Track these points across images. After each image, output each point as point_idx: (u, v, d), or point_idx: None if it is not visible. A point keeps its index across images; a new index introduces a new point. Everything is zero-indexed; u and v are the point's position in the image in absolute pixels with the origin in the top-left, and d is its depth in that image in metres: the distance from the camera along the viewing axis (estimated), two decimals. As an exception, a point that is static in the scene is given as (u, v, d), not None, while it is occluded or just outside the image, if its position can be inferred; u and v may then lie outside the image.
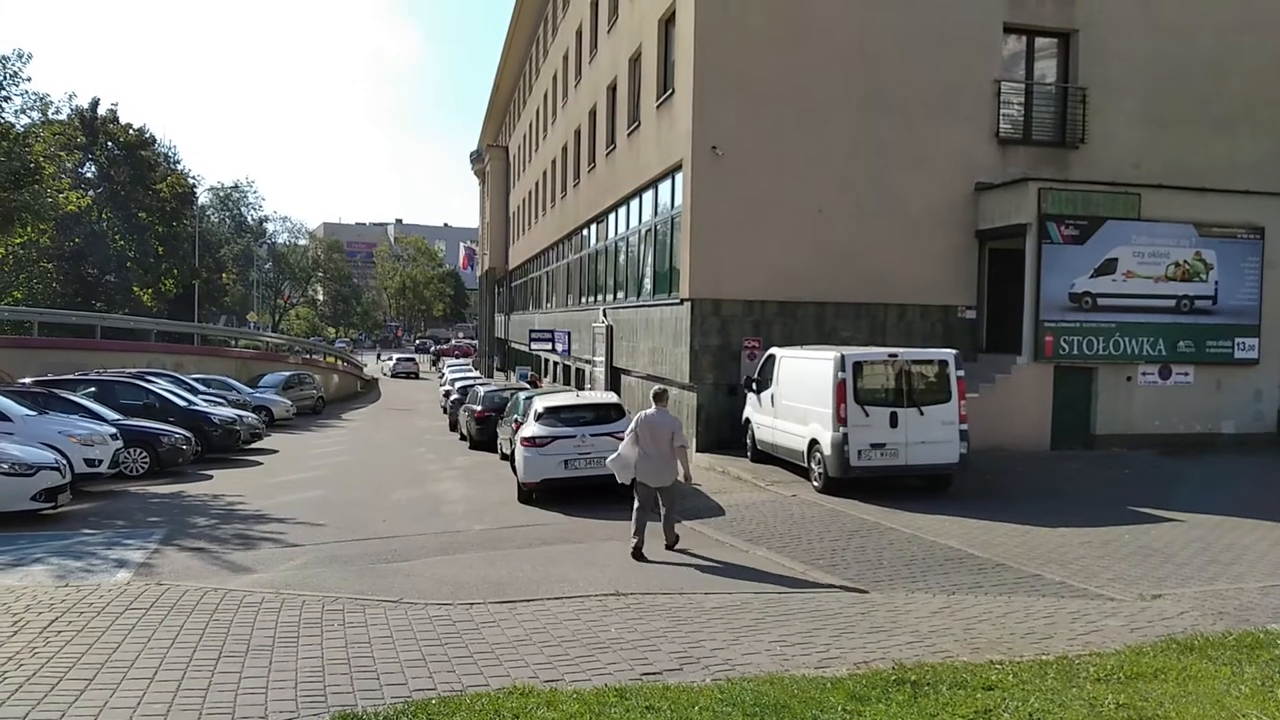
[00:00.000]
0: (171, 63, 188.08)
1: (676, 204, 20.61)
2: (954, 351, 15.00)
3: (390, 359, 67.82)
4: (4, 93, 18.41)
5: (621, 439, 11.70)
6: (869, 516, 13.02)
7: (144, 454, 17.90)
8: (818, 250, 19.51)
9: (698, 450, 19.14)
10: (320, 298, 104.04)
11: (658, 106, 21.90)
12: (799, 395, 15.77)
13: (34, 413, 16.00)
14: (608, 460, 11.77)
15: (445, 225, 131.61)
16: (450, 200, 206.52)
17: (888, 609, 8.30)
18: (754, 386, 17.71)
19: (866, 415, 14.29)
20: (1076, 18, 20.63)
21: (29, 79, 17.59)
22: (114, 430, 16.68)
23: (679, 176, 20.33)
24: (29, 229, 19.77)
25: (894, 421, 14.32)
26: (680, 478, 11.21)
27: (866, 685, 5.96)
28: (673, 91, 20.76)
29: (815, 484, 15.06)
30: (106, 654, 6.51)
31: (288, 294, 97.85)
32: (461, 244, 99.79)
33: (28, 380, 21.59)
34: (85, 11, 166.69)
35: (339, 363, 55.90)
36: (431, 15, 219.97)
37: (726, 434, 19.16)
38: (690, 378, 19.35)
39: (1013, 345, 19.25)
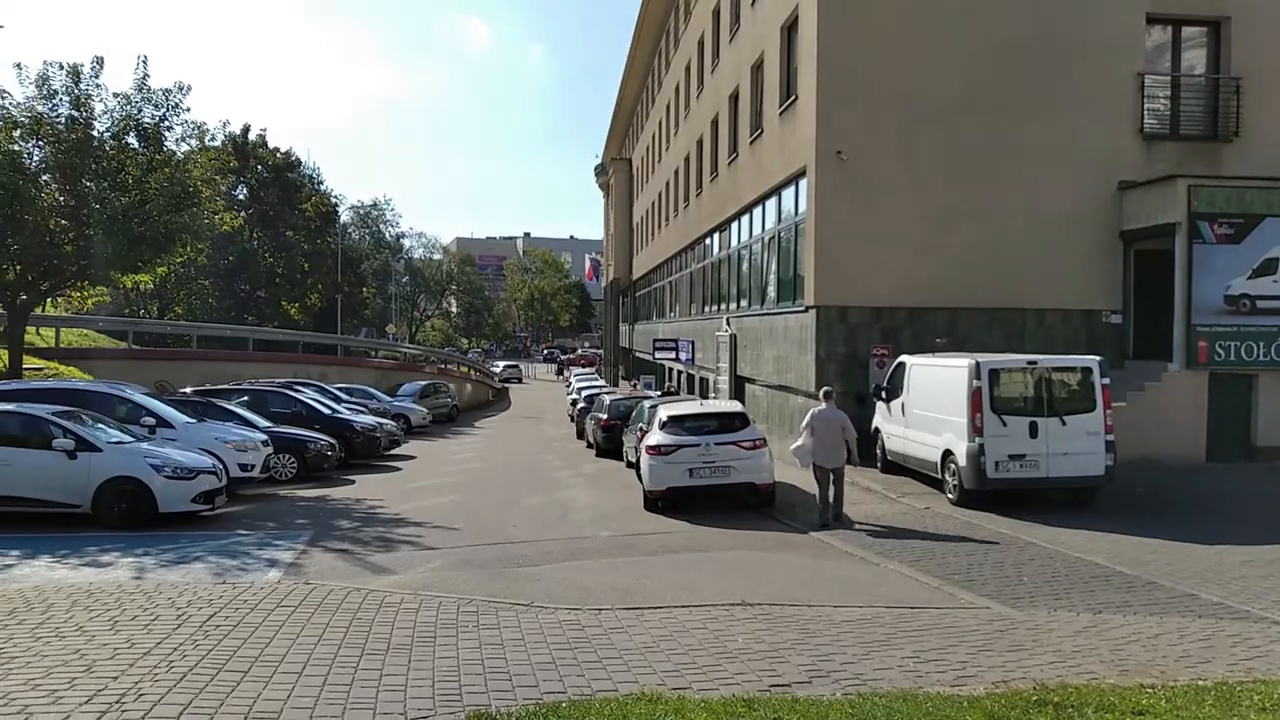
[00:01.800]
0: (314, 91, 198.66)
1: (800, 210, 20.39)
2: (1098, 358, 14.29)
3: (499, 366, 73.52)
4: (166, 123, 19.73)
5: (745, 448, 14.08)
6: (1007, 530, 12.52)
7: (292, 459, 18.86)
8: (949, 254, 18.94)
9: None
10: (454, 310, 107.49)
11: (780, 113, 21.74)
12: (931, 404, 15.33)
13: (194, 420, 17.11)
14: (790, 448, 14.11)
15: (571, 238, 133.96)
16: (576, 214, 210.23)
17: (1028, 627, 7.96)
18: (883, 395, 17.31)
19: (1004, 425, 13.77)
20: (1227, 4, 19.39)
21: (188, 109, 19.02)
22: (265, 437, 17.66)
23: (803, 183, 20.11)
24: (188, 249, 21.10)
25: (1033, 431, 13.74)
26: (847, 462, 13.61)
27: (1005, 705, 5.73)
28: (795, 97, 20.57)
29: (950, 496, 14.60)
30: (259, 649, 6.88)
31: (423, 306, 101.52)
32: (587, 255, 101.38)
33: (188, 390, 23.10)
34: (235, 42, 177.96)
35: (471, 372, 57.62)
36: (556, 34, 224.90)
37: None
38: (816, 386, 19.03)
39: (1163, 351, 18.18)
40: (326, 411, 23.23)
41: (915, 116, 18.87)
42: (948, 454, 14.60)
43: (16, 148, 18.40)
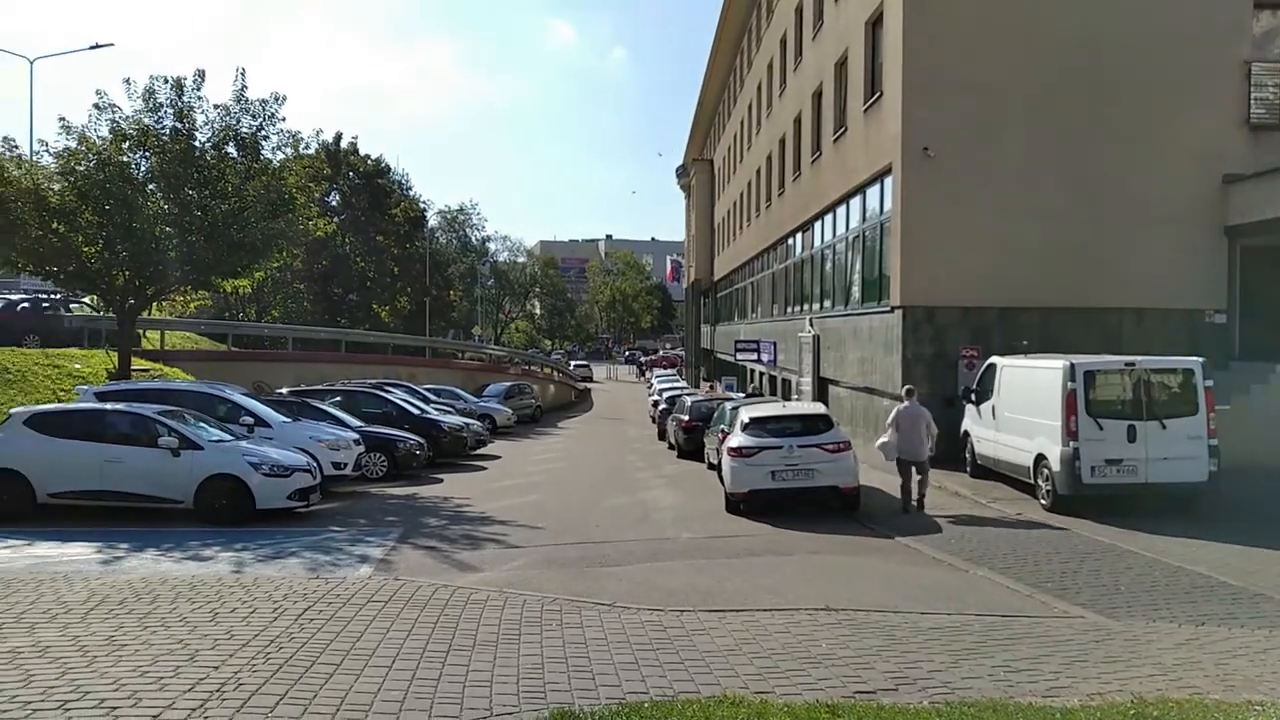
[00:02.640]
0: (401, 96, 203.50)
1: (886, 208, 20.05)
2: (1200, 359, 13.70)
3: (571, 365, 76.39)
4: (263, 132, 20.44)
5: (829, 450, 14.33)
6: (1103, 538, 12.09)
7: (383, 458, 19.34)
8: (1041, 252, 18.40)
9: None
10: (537, 312, 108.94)
11: (865, 110, 21.42)
12: (1023, 407, 14.91)
13: (290, 420, 17.68)
14: (876, 444, 14.96)
15: (652, 239, 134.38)
16: (657, 215, 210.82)
17: (1126, 638, 7.68)
18: (973, 398, 16.90)
19: (1100, 429, 13.31)
20: (1346, -16, 18.38)
21: (284, 119, 19.64)
22: (357, 436, 18.16)
23: (888, 180, 19.78)
24: (284, 254, 21.84)
25: (1131, 435, 13.24)
26: (929, 454, 14.51)
27: (1101, 718, 5.54)
28: (880, 94, 20.24)
29: (1042, 502, 14.18)
30: (351, 642, 7.09)
31: (508, 309, 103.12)
32: (668, 257, 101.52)
33: (284, 390, 23.91)
34: (326, 54, 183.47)
35: (555, 373, 58.28)
36: (639, 36, 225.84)
37: (942, 447, 18.33)
38: (902, 388, 18.70)
39: (1271, 352, 17.31)
40: (415, 412, 23.72)
41: (1005, 110, 18.39)
42: (1040, 458, 14.18)
43: (125, 159, 19.32)
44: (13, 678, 6.05)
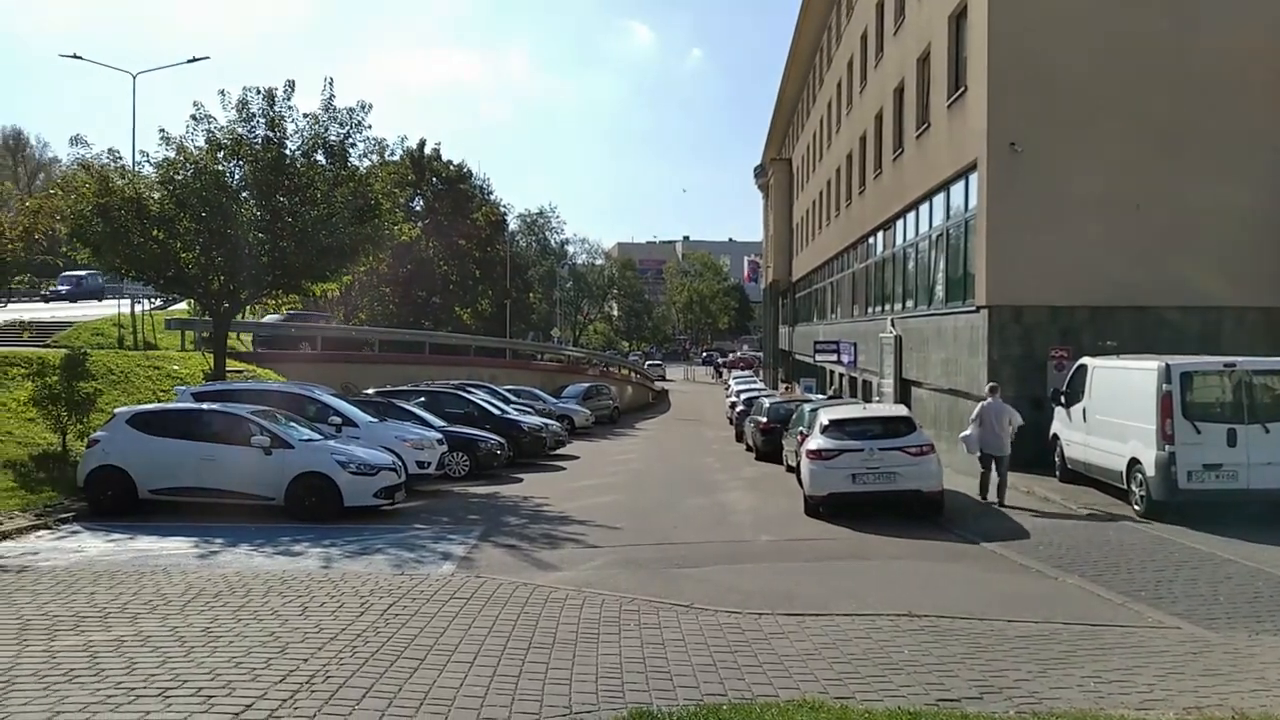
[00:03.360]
0: (480, 103, 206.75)
1: (971, 206, 19.60)
2: (1309, 360, 13.03)
3: (644, 364, 79.21)
4: (350, 140, 20.99)
5: (911, 453, 14.04)
6: (1201, 546, 11.60)
7: (465, 457, 19.68)
8: (1135, 249, 17.75)
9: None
10: (615, 313, 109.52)
11: (948, 106, 20.97)
12: (1116, 409, 14.40)
13: (376, 420, 18.13)
14: (960, 437, 15.55)
15: (730, 240, 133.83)
16: (735, 216, 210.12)
17: (1225, 650, 7.35)
18: (1062, 400, 16.40)
19: (1198, 432, 12.79)
20: None
21: (370, 126, 20.20)
22: (440, 436, 18.52)
23: (973, 177, 19.33)
24: (370, 258, 22.37)
25: (1232, 440, 12.69)
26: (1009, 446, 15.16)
27: (1201, 734, 5.32)
28: (965, 89, 19.80)
29: (1136, 508, 13.67)
30: (435, 638, 7.24)
31: (586, 310, 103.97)
32: (745, 258, 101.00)
33: (370, 391, 24.53)
34: (409, 62, 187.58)
35: (632, 374, 58.49)
36: (716, 36, 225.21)
37: (1031, 451, 17.80)
38: (985, 385, 18.25)
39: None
40: (496, 412, 24.06)
41: (1095, 102, 17.80)
42: (1134, 463, 13.67)
43: (220, 167, 20.05)
44: (117, 665, 6.34)
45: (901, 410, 17.21)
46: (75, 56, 50.10)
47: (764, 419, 24.54)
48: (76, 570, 9.67)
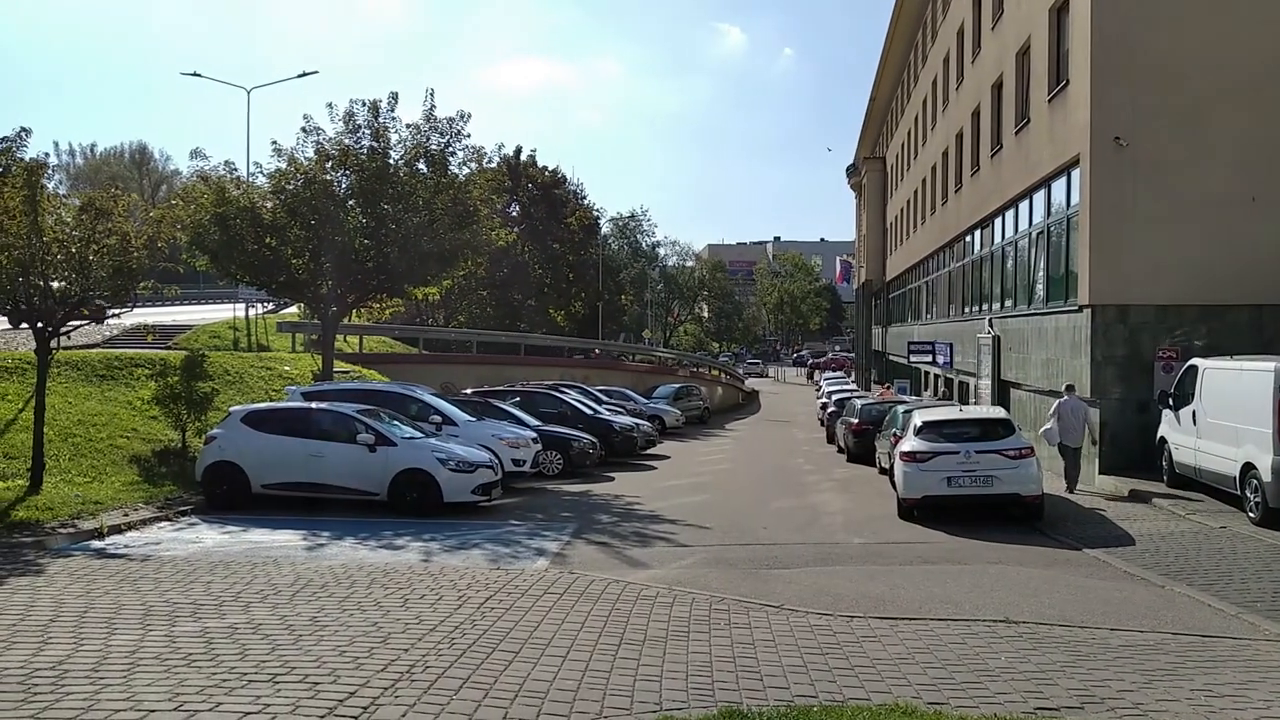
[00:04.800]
0: (572, 108, 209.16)
1: (1073, 202, 18.98)
2: None
3: (743, 364, 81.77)
4: (450, 149, 21.61)
5: (1010, 456, 13.86)
6: (1325, 557, 11.02)
7: (558, 456, 19.99)
8: (1251, 245, 16.92)
9: (1101, 472, 17.47)
10: (705, 315, 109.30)
11: (1049, 100, 20.35)
12: (1228, 412, 13.77)
13: (474, 419, 18.60)
14: (1040, 431, 16.63)
15: (821, 240, 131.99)
16: (826, 216, 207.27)
17: (1350, 667, 6.99)
18: (1170, 402, 15.75)
19: (1319, 437, 12.11)
20: None
21: (468, 135, 20.80)
22: (535, 435, 18.89)
23: (1075, 173, 18.72)
24: (469, 263, 22.98)
25: (1358, 445, 11.98)
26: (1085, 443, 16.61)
27: (1318, 753, 5.10)
28: (1066, 82, 19.18)
29: (1251, 515, 13.05)
30: (529, 631, 7.43)
31: (676, 312, 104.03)
32: (837, 258, 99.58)
33: (468, 390, 25.14)
34: (502, 69, 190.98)
35: (722, 375, 58.35)
36: (808, 35, 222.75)
37: (1136, 455, 17.21)
38: (1091, 392, 17.66)
39: None
40: (588, 412, 24.37)
41: (1206, 92, 17.03)
42: (1248, 468, 13.04)
43: (329, 177, 20.90)
44: (230, 651, 6.70)
45: (999, 412, 16.80)
46: (195, 74, 53.11)
47: (856, 420, 24.23)
48: (195, 560, 10.23)
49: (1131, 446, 17.39)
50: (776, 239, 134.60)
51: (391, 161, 21.08)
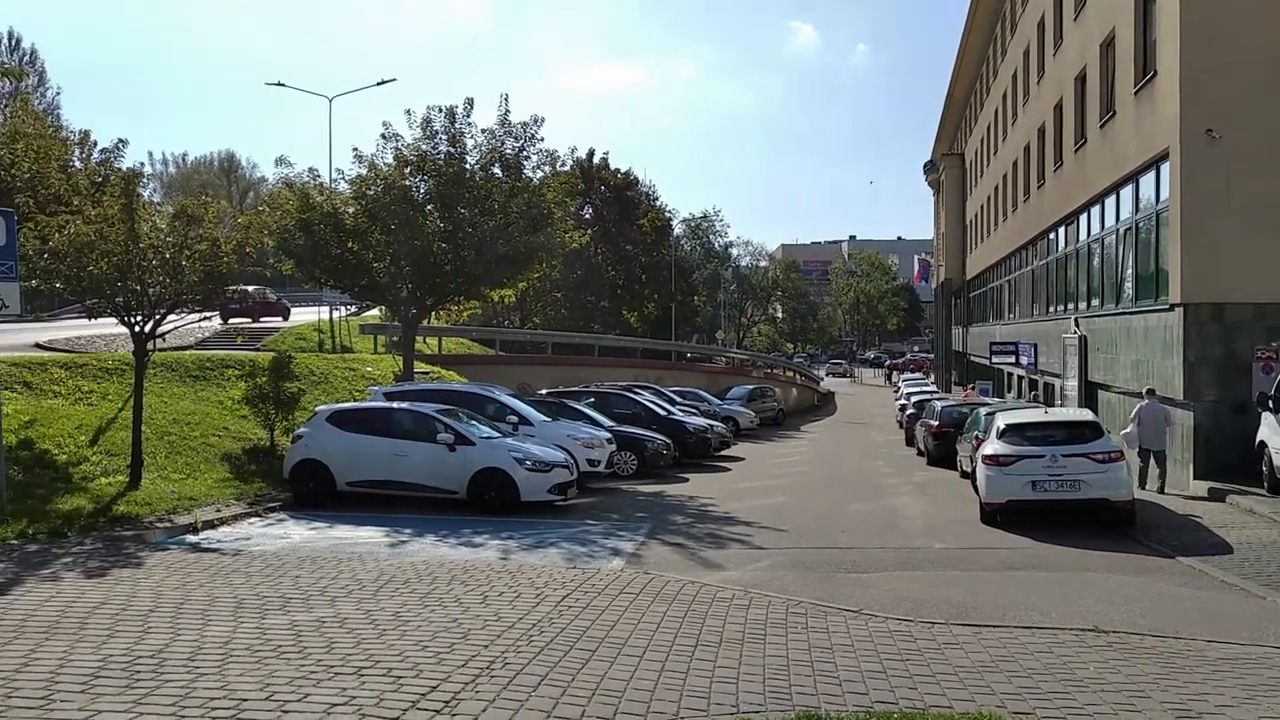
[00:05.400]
0: (643, 109, 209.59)
1: (1163, 197, 18.31)
2: None
3: (825, 364, 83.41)
4: (525, 153, 21.90)
5: (1097, 460, 13.44)
6: None
7: (632, 456, 20.06)
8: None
9: (1195, 477, 16.82)
10: (779, 315, 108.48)
11: (1136, 92, 19.67)
12: (1334, 415, 13.11)
13: (548, 419, 18.79)
14: (1120, 434, 16.53)
15: (898, 239, 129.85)
16: (903, 214, 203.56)
17: None
18: (1271, 404, 15.07)
19: None
20: None
21: (542, 139, 21.09)
22: (609, 435, 18.98)
23: (1164, 167, 18.06)
24: (544, 265, 23.23)
25: None
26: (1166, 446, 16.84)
27: None
28: (1154, 73, 18.52)
29: (1359, 524, 12.41)
30: (605, 630, 7.47)
31: (750, 312, 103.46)
32: (915, 256, 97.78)
33: (544, 391, 25.41)
34: (572, 67, 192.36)
35: (797, 377, 57.82)
36: (882, 30, 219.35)
37: (1233, 459, 16.51)
38: (1184, 394, 17.02)
39: None
40: (662, 413, 24.38)
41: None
42: (1358, 475, 12.41)
43: (407, 182, 21.35)
44: (318, 643, 6.88)
45: (1086, 414, 16.31)
46: (279, 84, 54.17)
47: (936, 422, 23.78)
48: (283, 555, 10.55)
49: (1228, 451, 16.69)
50: (852, 238, 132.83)
51: (468, 166, 21.43)
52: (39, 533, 10.79)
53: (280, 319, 29.00)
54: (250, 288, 30.44)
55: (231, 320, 30.86)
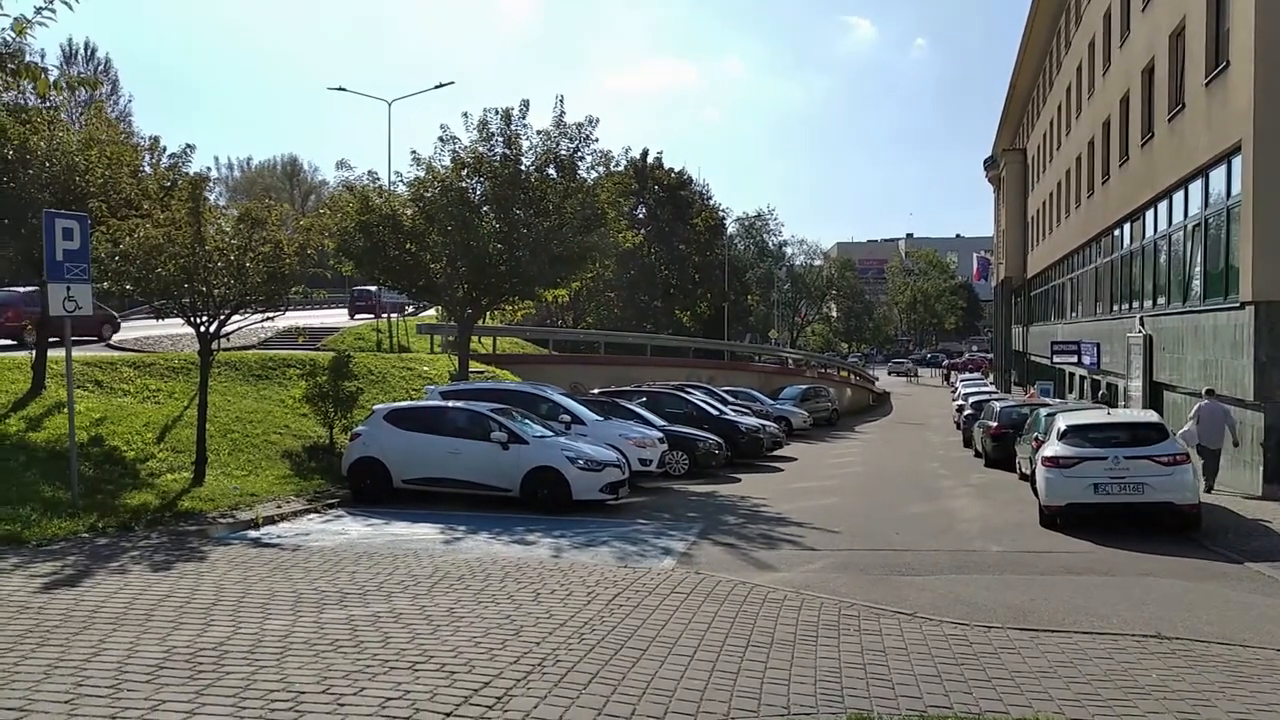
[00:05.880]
0: (697, 107, 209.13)
1: (1234, 192, 17.75)
2: None
3: (888, 364, 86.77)
4: (579, 154, 22.01)
5: (1162, 463, 13.13)
6: None
7: (684, 456, 20.06)
8: None
9: (1266, 481, 16.26)
10: (834, 314, 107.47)
11: (1206, 84, 19.08)
12: None
13: (601, 418, 18.88)
14: (1179, 433, 15.75)
15: (957, 236, 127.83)
16: (962, 211, 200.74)
17: None
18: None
19: None
20: None
21: (596, 140, 21.19)
22: (661, 435, 19.00)
23: (1236, 161, 17.50)
24: (597, 265, 23.32)
25: None
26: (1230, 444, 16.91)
27: None
28: (1227, 64, 17.95)
29: None
30: (656, 630, 7.48)
31: (804, 312, 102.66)
32: (974, 254, 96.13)
33: (596, 390, 25.53)
34: (624, 66, 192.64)
35: (851, 376, 57.22)
36: (941, 24, 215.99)
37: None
38: (1255, 394, 16.47)
39: None
40: (714, 412, 24.33)
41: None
42: None
43: (464, 184, 21.61)
44: (374, 638, 7.00)
45: (1151, 416, 15.88)
46: (340, 89, 55.57)
47: (994, 423, 23.37)
48: (341, 550, 10.75)
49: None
50: (909, 236, 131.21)
51: (523, 167, 21.59)
52: (108, 527, 11.14)
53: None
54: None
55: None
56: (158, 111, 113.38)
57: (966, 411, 31.02)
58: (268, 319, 14.96)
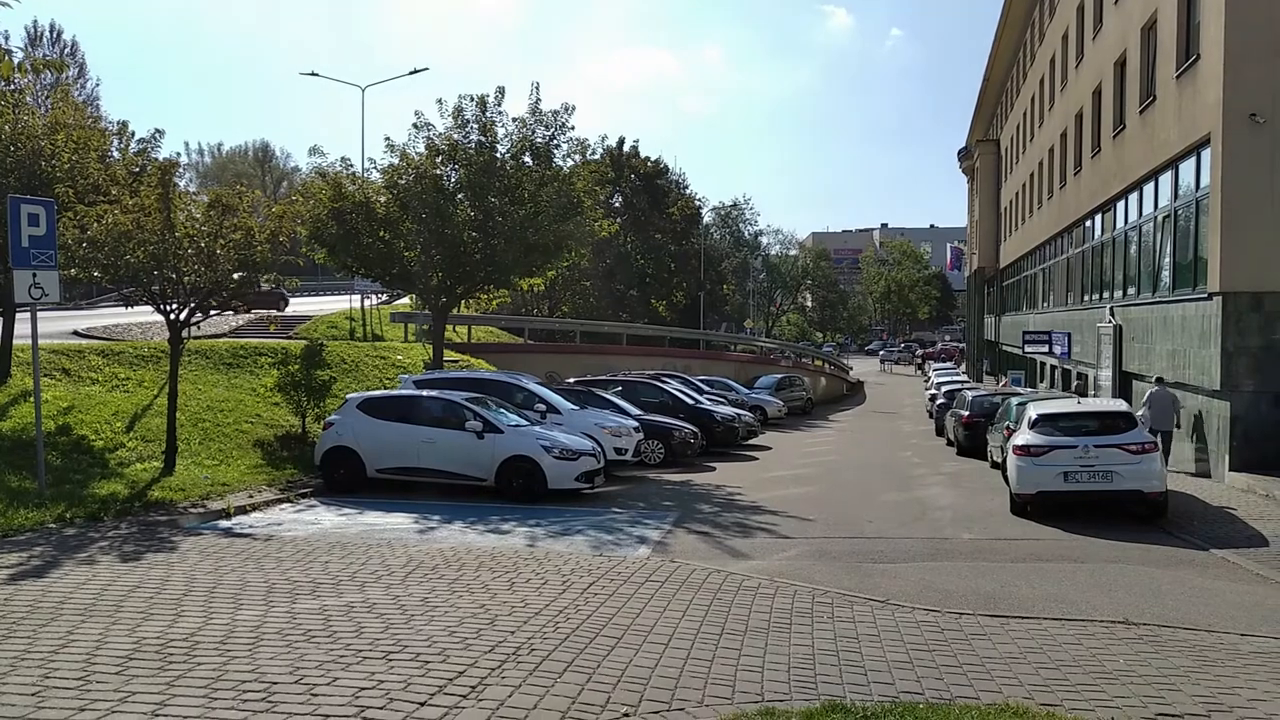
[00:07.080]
0: (674, 96, 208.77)
1: (1203, 184, 17.97)
2: None
3: (880, 353, 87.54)
4: (555, 142, 21.89)
5: (1131, 451, 13.31)
6: None
7: (659, 445, 20.10)
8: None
9: (1231, 469, 16.54)
10: (809, 304, 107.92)
11: (1177, 77, 19.29)
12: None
13: (577, 407, 18.86)
14: (1136, 416, 15.27)
15: (931, 227, 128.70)
16: (936, 201, 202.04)
17: None
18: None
19: None
20: None
21: (573, 128, 21.05)
22: (637, 424, 19.04)
23: (1205, 153, 17.72)
24: (573, 254, 23.25)
25: None
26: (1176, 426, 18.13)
27: None
28: (1197, 57, 18.15)
29: (1402, 518, 12.16)
30: (631, 618, 7.50)
31: (779, 301, 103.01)
32: (948, 245, 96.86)
33: (571, 380, 25.50)
34: (601, 55, 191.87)
35: (826, 366, 57.52)
36: (917, 13, 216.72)
37: (1271, 451, 16.24)
38: (1221, 384, 16.73)
39: None
40: (690, 402, 24.41)
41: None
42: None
43: (438, 172, 21.44)
44: (348, 628, 6.97)
45: (1120, 405, 16.08)
46: (313, 74, 54.68)
47: (966, 412, 23.58)
48: (314, 540, 10.68)
49: (1266, 443, 16.41)
50: (884, 226, 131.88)
51: (498, 155, 21.46)
52: (76, 517, 11.00)
53: (274, 310, 28.55)
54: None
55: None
56: (126, 96, 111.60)
57: (939, 400, 31.28)
58: (218, 313, 14.77)
